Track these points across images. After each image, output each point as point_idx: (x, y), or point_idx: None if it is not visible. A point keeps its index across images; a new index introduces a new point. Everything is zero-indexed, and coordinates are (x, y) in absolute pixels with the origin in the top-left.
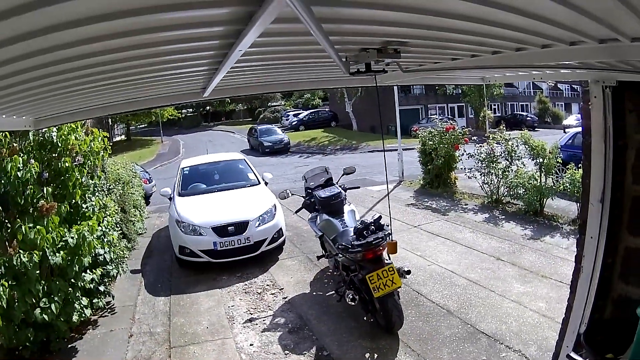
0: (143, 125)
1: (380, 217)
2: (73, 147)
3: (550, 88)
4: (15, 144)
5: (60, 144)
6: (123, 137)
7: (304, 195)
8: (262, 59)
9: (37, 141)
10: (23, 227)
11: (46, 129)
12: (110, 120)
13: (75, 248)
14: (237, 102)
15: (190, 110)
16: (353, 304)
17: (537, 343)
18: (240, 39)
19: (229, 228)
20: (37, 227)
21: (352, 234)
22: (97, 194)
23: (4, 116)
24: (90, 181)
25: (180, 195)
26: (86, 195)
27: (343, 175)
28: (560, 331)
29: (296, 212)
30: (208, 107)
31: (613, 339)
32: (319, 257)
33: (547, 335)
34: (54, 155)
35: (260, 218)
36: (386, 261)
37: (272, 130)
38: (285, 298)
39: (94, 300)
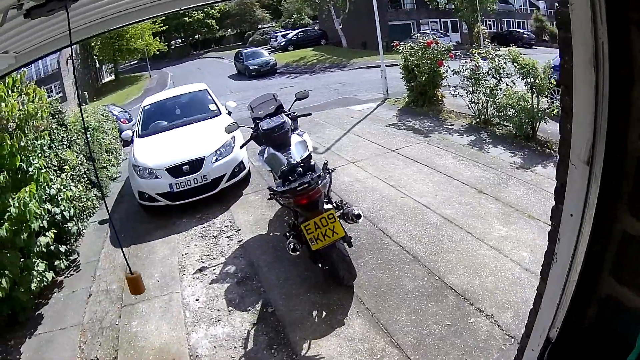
0: (134, 62)
1: (310, 156)
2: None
3: (547, 7)
4: None
5: None
6: (112, 76)
7: (252, 127)
8: None
9: None
10: None
11: None
12: (97, 62)
13: (19, 216)
14: (226, 28)
15: (179, 40)
16: (294, 254)
17: (515, 307)
18: None
19: (183, 167)
20: None
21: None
22: (48, 151)
23: None
24: (37, 142)
25: (139, 136)
26: (30, 158)
27: (295, 101)
28: (526, 326)
29: (242, 146)
30: (197, 36)
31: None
32: (270, 197)
33: (527, 298)
34: None
35: (217, 152)
36: (326, 206)
37: (258, 52)
38: (240, 241)
39: (56, 263)
